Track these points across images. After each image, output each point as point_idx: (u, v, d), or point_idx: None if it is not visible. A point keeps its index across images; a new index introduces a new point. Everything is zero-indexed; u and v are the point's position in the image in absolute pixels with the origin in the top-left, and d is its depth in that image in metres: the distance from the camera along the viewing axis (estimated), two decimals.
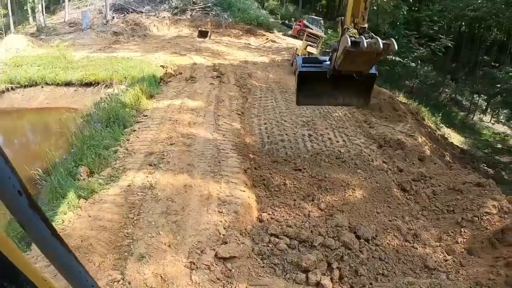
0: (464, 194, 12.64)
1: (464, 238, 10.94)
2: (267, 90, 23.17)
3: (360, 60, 9.72)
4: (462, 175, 14.13)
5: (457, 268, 9.60)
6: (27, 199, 0.99)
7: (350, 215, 10.88)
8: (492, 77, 31.42)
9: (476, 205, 11.99)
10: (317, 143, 16.04)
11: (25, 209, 1.00)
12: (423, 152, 17.06)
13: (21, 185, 0.96)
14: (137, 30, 40.20)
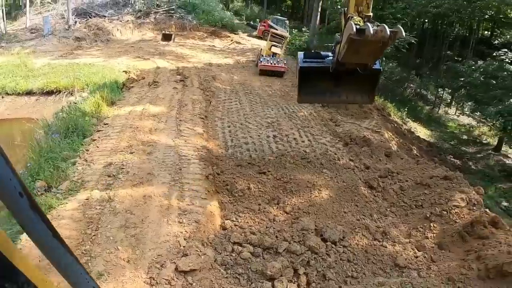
0: (432, 189, 12.51)
1: (434, 233, 10.80)
2: (231, 92, 22.78)
3: (365, 50, 9.18)
4: (429, 169, 14.02)
5: (428, 264, 9.42)
6: (28, 200, 0.99)
7: (316, 217, 10.57)
8: (455, 71, 31.93)
9: (444, 199, 11.87)
10: (282, 144, 15.71)
11: (26, 210, 0.99)
12: (389, 148, 16.97)
13: (22, 186, 0.96)
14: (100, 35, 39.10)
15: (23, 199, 0.98)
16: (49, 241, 1.10)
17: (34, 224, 1.04)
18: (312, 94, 12.08)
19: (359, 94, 12.00)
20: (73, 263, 1.21)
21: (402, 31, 8.40)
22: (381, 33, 8.27)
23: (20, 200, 0.97)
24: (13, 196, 0.95)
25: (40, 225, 1.05)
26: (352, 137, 16.89)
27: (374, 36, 8.27)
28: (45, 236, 1.08)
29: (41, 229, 1.06)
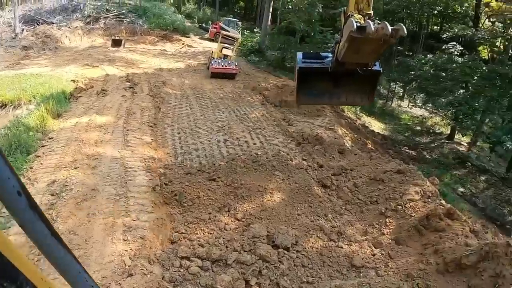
0: (386, 183, 12.38)
1: (390, 228, 10.66)
2: (182, 97, 22.16)
3: (366, 49, 8.96)
4: (383, 164, 13.91)
5: (386, 262, 9.24)
6: (26, 199, 0.99)
7: (269, 222, 10.20)
8: (406, 66, 32.46)
9: (398, 193, 11.75)
10: (233, 148, 15.29)
11: (24, 209, 0.99)
12: (343, 144, 16.78)
13: (20, 185, 0.96)
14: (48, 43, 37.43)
15: (22, 198, 0.97)
16: (47, 240, 1.10)
17: (33, 223, 1.03)
18: (310, 95, 11.76)
19: (358, 96, 11.78)
20: (72, 262, 1.21)
21: (404, 28, 8.18)
22: (382, 31, 8.05)
23: (18, 199, 0.96)
24: (12, 195, 0.94)
25: (39, 224, 1.05)
26: (304, 136, 16.64)
27: (375, 33, 8.06)
28: (43, 235, 1.08)
29: (40, 228, 1.06)
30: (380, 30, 8.10)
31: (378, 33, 8.13)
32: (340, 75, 10.90)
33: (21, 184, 0.97)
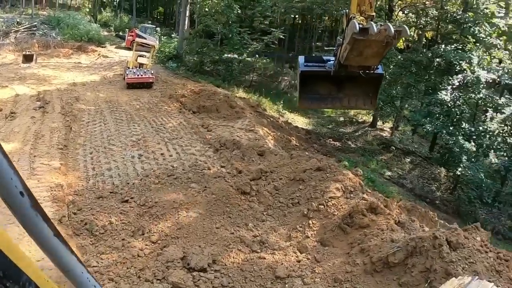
0: (306, 183, 12.15)
1: (314, 230, 10.40)
2: (96, 112, 20.97)
3: (369, 51, 8.76)
4: (303, 162, 13.67)
5: (312, 267, 8.94)
6: (29, 199, 0.99)
7: (186, 241, 9.64)
8: None
9: (320, 192, 11.53)
10: (148, 162, 14.58)
11: (27, 209, 1.00)
12: (262, 146, 16.43)
13: (23, 186, 0.97)
14: None
15: (24, 198, 0.97)
16: (50, 240, 1.09)
17: (35, 223, 1.03)
18: (313, 99, 11.71)
19: (361, 99, 11.64)
20: (74, 262, 1.21)
21: (407, 30, 8.06)
22: (385, 32, 7.91)
23: (21, 200, 0.97)
24: (15, 196, 0.95)
25: (41, 224, 1.05)
26: (222, 141, 16.24)
27: (378, 35, 7.91)
28: (46, 235, 1.08)
29: (42, 228, 1.06)
30: (382, 31, 7.97)
31: (381, 34, 8.02)
32: (342, 79, 10.84)
33: (24, 185, 0.96)
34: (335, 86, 11.33)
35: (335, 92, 11.49)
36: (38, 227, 1.05)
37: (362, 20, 8.62)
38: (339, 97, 11.66)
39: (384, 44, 8.43)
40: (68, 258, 1.18)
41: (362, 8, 9.00)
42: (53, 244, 1.11)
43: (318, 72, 10.91)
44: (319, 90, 11.46)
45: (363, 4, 8.99)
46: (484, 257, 8.54)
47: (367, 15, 8.89)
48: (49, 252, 1.12)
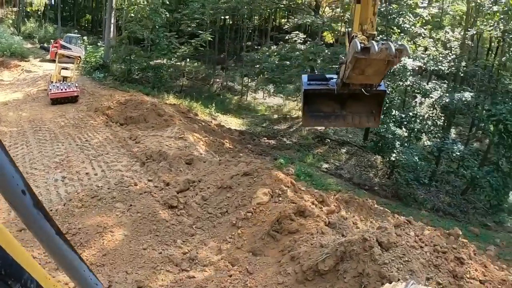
0: (234, 190, 11.89)
1: (244, 239, 10.14)
2: (18, 134, 19.74)
3: (370, 70, 8.68)
4: (231, 167, 13.44)
5: (244, 280, 8.69)
6: (31, 198, 0.99)
7: (112, 268, 9.18)
8: (252, 60, 32.89)
9: (248, 198, 11.30)
10: (72, 184, 13.90)
11: (29, 208, 1.00)
12: (190, 154, 15.99)
13: (25, 184, 0.97)
14: None
15: (26, 196, 0.97)
16: (52, 239, 1.10)
17: (37, 221, 1.04)
18: (317, 117, 11.40)
19: (364, 117, 11.35)
20: (77, 260, 1.22)
21: (408, 49, 8.10)
22: (386, 51, 7.84)
23: (23, 198, 0.97)
24: (16, 194, 0.95)
25: (44, 223, 1.05)
26: (148, 154, 15.76)
27: (379, 53, 7.89)
28: (48, 234, 1.08)
29: (45, 227, 1.06)
30: (384, 50, 7.90)
31: (382, 53, 7.96)
32: (345, 97, 10.70)
33: (26, 183, 0.96)
34: (338, 104, 11.23)
35: (339, 110, 11.38)
36: (40, 226, 1.05)
37: (364, 39, 8.61)
38: (342, 115, 11.50)
39: (385, 62, 8.45)
40: (70, 256, 1.19)
41: (364, 27, 8.99)
42: (55, 242, 1.11)
43: (321, 90, 10.81)
44: (323, 108, 11.37)
45: (365, 23, 8.99)
46: (419, 253, 8.57)
47: (369, 34, 8.88)
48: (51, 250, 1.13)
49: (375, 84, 9.82)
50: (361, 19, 9.05)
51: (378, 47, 7.87)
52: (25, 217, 1.02)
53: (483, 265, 9.52)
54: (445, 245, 9.48)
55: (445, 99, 25.48)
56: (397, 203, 24.58)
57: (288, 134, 31.07)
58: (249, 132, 29.81)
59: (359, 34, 8.74)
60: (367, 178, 26.77)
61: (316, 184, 21.94)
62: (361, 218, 15.84)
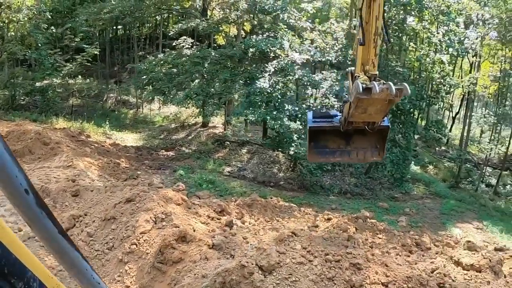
0: (118, 220, 11.23)
1: (132, 276, 9.56)
2: None
3: (373, 108, 9.17)
4: (116, 194, 12.76)
5: None
6: (34, 197, 1.00)
7: None
8: (139, 70, 31.58)
9: (132, 228, 10.66)
10: None
11: (32, 207, 1.00)
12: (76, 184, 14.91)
13: (28, 183, 0.97)
14: None
15: (29, 196, 0.98)
16: (55, 238, 1.11)
17: (40, 221, 1.04)
18: (322, 153, 12.11)
19: (369, 152, 11.91)
20: (79, 259, 1.23)
21: (407, 88, 8.39)
22: (387, 91, 8.23)
23: (26, 197, 0.97)
24: (19, 193, 0.95)
25: (46, 222, 1.06)
26: None
27: (380, 94, 8.25)
28: (51, 233, 1.09)
29: (48, 226, 1.07)
30: (385, 90, 8.24)
31: (383, 93, 8.28)
32: (350, 132, 11.23)
33: (29, 182, 0.97)
34: (343, 140, 11.72)
35: (344, 145, 11.93)
36: (43, 225, 1.05)
37: (366, 80, 8.88)
38: (347, 150, 12.00)
39: (386, 101, 8.79)
40: (73, 255, 1.19)
41: (366, 67, 9.24)
42: (58, 242, 1.11)
43: (326, 127, 11.40)
44: (328, 144, 11.94)
45: (367, 64, 9.21)
46: (308, 269, 8.46)
47: (371, 74, 9.10)
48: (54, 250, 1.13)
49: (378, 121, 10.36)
50: (363, 60, 9.34)
51: (379, 88, 8.25)
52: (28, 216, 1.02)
53: (384, 265, 9.69)
54: (338, 252, 9.53)
55: (335, 88, 26.23)
56: (305, 194, 25.08)
57: (187, 143, 30.53)
58: (146, 146, 28.88)
59: (361, 75, 9.11)
60: (271, 175, 26.99)
61: (219, 190, 21.77)
62: (266, 219, 15.81)
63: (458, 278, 8.81)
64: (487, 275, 9.00)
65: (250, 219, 15.35)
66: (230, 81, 27.80)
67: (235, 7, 30.94)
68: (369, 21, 9.05)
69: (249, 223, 14.79)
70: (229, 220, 13.59)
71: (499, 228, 23.52)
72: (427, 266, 9.52)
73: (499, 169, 36.12)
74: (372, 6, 8.88)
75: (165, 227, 10.61)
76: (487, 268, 9.17)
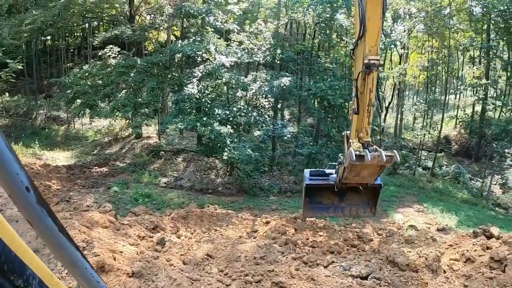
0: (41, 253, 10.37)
1: None
2: None
3: (365, 172, 10.09)
4: None
5: None
6: (35, 195, 1.01)
7: None
8: (64, 84, 29.50)
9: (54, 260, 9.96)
10: None
11: (32, 205, 1.02)
12: None
13: (29, 181, 0.98)
14: None
15: (30, 193, 0.99)
16: (55, 236, 1.12)
17: (41, 218, 1.05)
18: (317, 209, 12.89)
19: (361, 208, 12.71)
20: (79, 257, 1.24)
21: (397, 155, 9.33)
22: (378, 158, 9.14)
23: (27, 195, 0.98)
24: (20, 191, 0.96)
25: (47, 220, 1.07)
26: None
27: (372, 161, 9.12)
28: (51, 231, 1.10)
29: (48, 224, 1.08)
30: (376, 157, 9.15)
31: (375, 160, 9.20)
32: (344, 190, 12.08)
33: (30, 180, 0.98)
34: (337, 197, 12.54)
35: (337, 201, 12.74)
36: (44, 222, 1.05)
37: (359, 147, 9.63)
38: (341, 206, 12.81)
39: (378, 166, 9.78)
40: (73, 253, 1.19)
41: (360, 134, 9.92)
42: (58, 240, 1.12)
43: (322, 185, 12.22)
44: (323, 200, 12.77)
45: (361, 132, 9.89)
46: None
47: (364, 141, 9.77)
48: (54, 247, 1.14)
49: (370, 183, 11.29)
50: (358, 127, 10.04)
51: (371, 156, 9.15)
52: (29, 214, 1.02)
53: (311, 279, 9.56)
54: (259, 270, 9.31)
55: (264, 88, 26.16)
56: (245, 197, 24.87)
57: (121, 156, 29.49)
58: (79, 164, 27.53)
59: (355, 141, 9.92)
60: (209, 181, 26.64)
61: (156, 204, 21.24)
62: (203, 230, 15.47)
63: (395, 281, 8.70)
64: (424, 275, 8.95)
65: (186, 232, 14.97)
66: (157, 89, 27.14)
67: (161, 12, 30.38)
68: (364, 92, 9.58)
69: (184, 237, 14.40)
70: (160, 238, 13.19)
71: (439, 208, 24.27)
72: (362, 270, 9.40)
73: (434, 151, 37.54)
74: (367, 80, 9.35)
75: (87, 256, 10.03)
76: (423, 267, 9.14)
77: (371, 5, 8.78)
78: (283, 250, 12.26)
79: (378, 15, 8.90)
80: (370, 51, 9.11)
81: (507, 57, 37.48)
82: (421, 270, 9.29)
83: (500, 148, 32.01)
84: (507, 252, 9.59)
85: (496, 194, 32.27)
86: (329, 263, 10.99)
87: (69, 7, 32.10)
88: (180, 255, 11.85)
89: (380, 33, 9.25)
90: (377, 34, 9.12)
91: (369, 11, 8.82)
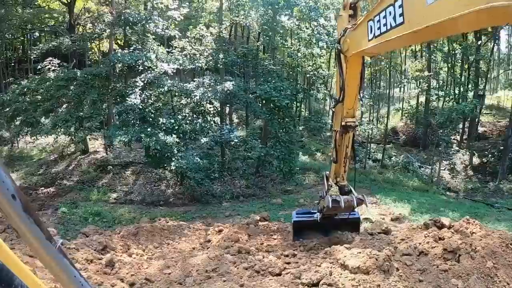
0: None
1: None
2: None
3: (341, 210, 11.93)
4: None
5: None
6: (21, 203, 1.00)
7: None
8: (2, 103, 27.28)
9: None
10: None
11: (19, 213, 1.00)
12: None
13: (15, 189, 0.98)
14: None
15: (16, 201, 0.98)
16: (42, 244, 1.11)
17: (27, 226, 1.05)
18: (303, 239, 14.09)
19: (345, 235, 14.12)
20: (67, 265, 1.24)
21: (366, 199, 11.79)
22: (350, 203, 11.26)
23: (13, 203, 0.97)
24: (7, 199, 0.96)
25: (34, 227, 1.06)
26: None
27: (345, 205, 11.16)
28: (38, 239, 1.09)
29: (35, 232, 1.07)
30: (349, 202, 11.21)
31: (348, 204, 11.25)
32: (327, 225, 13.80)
33: (16, 188, 0.98)
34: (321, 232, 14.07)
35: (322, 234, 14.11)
36: (31, 230, 1.05)
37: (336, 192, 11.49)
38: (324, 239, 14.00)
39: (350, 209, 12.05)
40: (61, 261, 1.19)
41: (338, 179, 11.73)
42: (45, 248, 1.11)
43: (307, 222, 13.86)
44: (309, 234, 14.13)
45: (338, 177, 11.72)
46: None
47: (340, 185, 11.66)
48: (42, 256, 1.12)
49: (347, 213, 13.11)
50: (336, 173, 11.80)
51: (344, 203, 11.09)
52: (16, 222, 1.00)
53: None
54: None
55: (207, 94, 25.94)
56: (197, 206, 24.59)
57: (68, 174, 28.34)
58: (24, 186, 25.67)
59: (333, 185, 11.66)
60: (160, 193, 26.21)
61: (107, 221, 20.58)
62: (155, 245, 15.09)
63: (346, 285, 8.61)
64: (376, 277, 8.75)
65: (137, 250, 14.52)
66: (99, 102, 26.30)
67: (101, 21, 29.71)
68: (341, 145, 11.23)
69: (136, 255, 13.95)
70: (109, 259, 12.76)
71: (392, 198, 25.12)
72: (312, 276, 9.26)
73: (382, 144, 38.71)
74: (344, 137, 11.00)
75: None
76: (374, 268, 8.87)
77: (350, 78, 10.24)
78: (235, 260, 11.92)
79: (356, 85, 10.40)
80: (348, 113, 10.61)
81: (447, 50, 38.89)
82: (372, 272, 8.90)
83: (445, 136, 33.63)
84: (460, 241, 9.75)
85: (445, 179, 33.68)
86: (281, 269, 10.83)
87: (6, 18, 31.02)
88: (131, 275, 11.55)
89: (358, 98, 10.88)
90: (354, 100, 10.61)
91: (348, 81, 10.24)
